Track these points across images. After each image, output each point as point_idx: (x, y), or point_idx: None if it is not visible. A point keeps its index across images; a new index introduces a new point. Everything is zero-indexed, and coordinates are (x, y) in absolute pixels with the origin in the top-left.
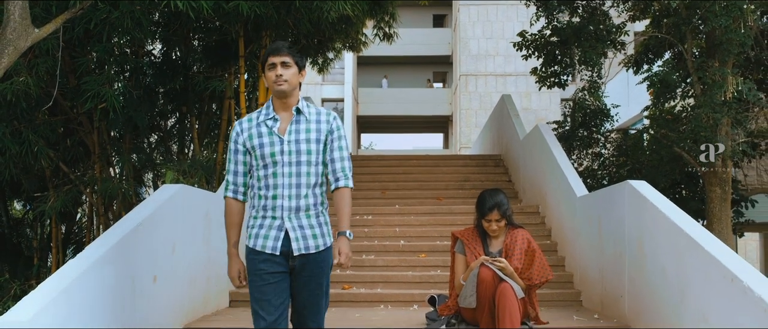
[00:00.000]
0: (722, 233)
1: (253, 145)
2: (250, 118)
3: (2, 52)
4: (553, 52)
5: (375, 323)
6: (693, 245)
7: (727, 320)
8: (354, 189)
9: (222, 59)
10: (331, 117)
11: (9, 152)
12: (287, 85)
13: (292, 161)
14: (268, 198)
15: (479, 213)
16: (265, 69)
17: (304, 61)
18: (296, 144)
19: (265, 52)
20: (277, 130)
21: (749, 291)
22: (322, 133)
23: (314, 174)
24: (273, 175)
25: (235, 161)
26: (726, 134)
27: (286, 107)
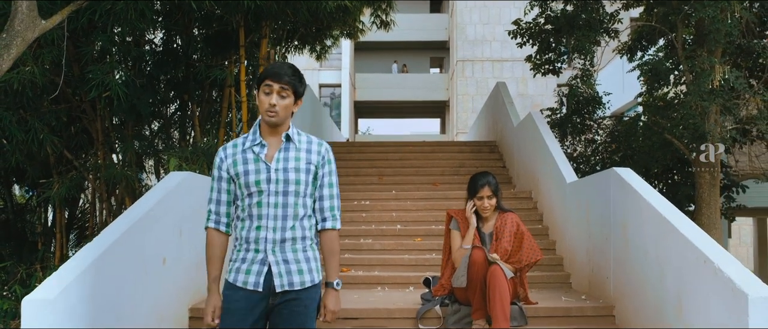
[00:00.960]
0: (711, 218)
1: (237, 172)
2: (235, 143)
3: (11, 43)
4: (547, 40)
5: (373, 303)
6: (671, 230)
7: (700, 299)
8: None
9: (222, 48)
10: (324, 148)
11: (15, 139)
12: (278, 118)
13: (279, 191)
14: (251, 229)
15: (471, 192)
16: (260, 89)
17: (303, 89)
18: (284, 173)
19: (264, 71)
20: (264, 157)
21: (719, 271)
22: (312, 164)
23: (302, 206)
24: (258, 205)
25: (217, 189)
26: (715, 122)
27: (275, 133)
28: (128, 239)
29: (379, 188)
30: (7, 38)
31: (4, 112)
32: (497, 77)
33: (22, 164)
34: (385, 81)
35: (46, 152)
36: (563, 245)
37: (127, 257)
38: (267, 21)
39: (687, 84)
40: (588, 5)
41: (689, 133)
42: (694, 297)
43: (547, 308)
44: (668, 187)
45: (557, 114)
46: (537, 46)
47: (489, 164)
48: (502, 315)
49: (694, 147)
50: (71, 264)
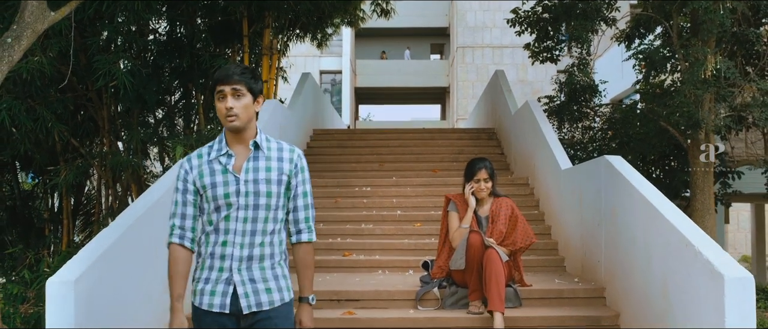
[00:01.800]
0: (705, 204)
1: (203, 184)
2: (200, 153)
3: (21, 35)
4: (545, 29)
5: (374, 286)
6: (657, 215)
7: (683, 280)
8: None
9: (226, 38)
10: (296, 155)
11: (24, 127)
12: (239, 121)
13: (248, 204)
14: (217, 244)
15: (468, 176)
16: (215, 99)
17: (260, 86)
18: (254, 184)
19: (213, 78)
20: (232, 167)
21: (700, 254)
22: (284, 173)
23: (272, 220)
24: (225, 219)
25: (182, 202)
26: (709, 110)
27: (241, 140)
28: (143, 224)
29: (379, 175)
30: (17, 30)
31: (14, 101)
32: (497, 64)
33: (31, 151)
34: (386, 67)
35: (54, 139)
36: (558, 230)
37: (142, 240)
38: (269, 11)
39: (682, 72)
40: None
41: (684, 120)
42: (677, 278)
43: (540, 290)
44: (665, 173)
45: (555, 102)
46: (535, 35)
47: (487, 151)
48: (497, 296)
49: (690, 134)
50: (90, 248)
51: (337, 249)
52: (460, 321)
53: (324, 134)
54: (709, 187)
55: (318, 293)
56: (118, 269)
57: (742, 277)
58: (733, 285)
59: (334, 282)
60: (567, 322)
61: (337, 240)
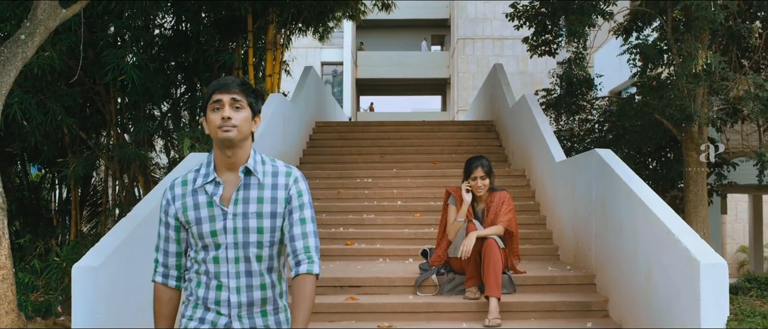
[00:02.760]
0: (698, 195)
1: (188, 219)
2: (184, 180)
3: (34, 31)
4: (543, 23)
5: (375, 273)
6: (642, 206)
7: (665, 266)
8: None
9: (231, 33)
10: (293, 179)
11: (34, 120)
12: (236, 132)
13: (238, 243)
14: (210, 289)
15: (466, 173)
16: (207, 110)
17: (259, 106)
18: (243, 219)
19: (209, 88)
20: (220, 199)
21: (679, 242)
22: (279, 203)
23: (268, 258)
24: (214, 260)
25: (165, 237)
26: (702, 103)
27: (232, 165)
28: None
29: (380, 167)
30: (30, 27)
31: (25, 95)
32: (498, 55)
33: (40, 144)
34: (387, 59)
35: (63, 132)
36: (552, 220)
37: (155, 231)
38: (274, 7)
39: (675, 66)
40: None
41: (677, 113)
42: (660, 264)
43: (534, 277)
44: (661, 165)
45: (553, 95)
46: (533, 29)
47: (486, 143)
48: (494, 283)
49: (684, 127)
50: (111, 236)
51: (339, 238)
52: (457, 306)
53: (326, 126)
54: (702, 179)
55: (322, 280)
56: (138, 256)
57: (716, 263)
58: (708, 271)
59: (338, 269)
60: (558, 307)
61: (339, 230)
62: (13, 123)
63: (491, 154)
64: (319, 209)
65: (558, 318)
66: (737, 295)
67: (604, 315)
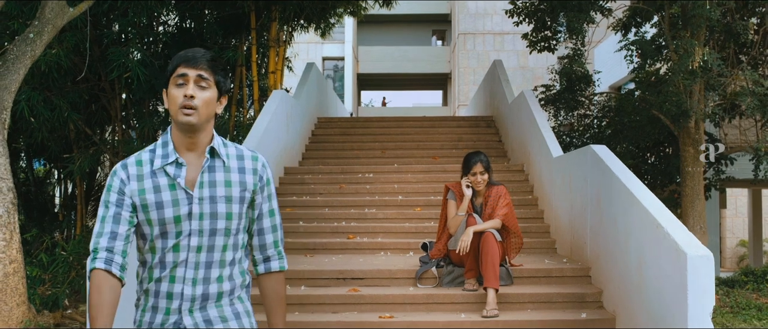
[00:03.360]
0: (695, 189)
1: (146, 203)
2: (139, 160)
3: (43, 30)
4: (542, 19)
5: (376, 266)
6: (634, 201)
7: (655, 258)
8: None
9: (234, 30)
10: (260, 164)
11: (41, 117)
12: (197, 116)
13: (204, 230)
14: (162, 281)
15: (465, 169)
16: (170, 84)
17: (228, 85)
18: (211, 204)
19: (174, 58)
20: (184, 180)
21: (668, 235)
22: (247, 188)
23: (232, 248)
24: (174, 249)
25: (113, 218)
26: (698, 100)
27: (194, 145)
28: None
29: (382, 162)
30: (39, 26)
31: (32, 92)
32: (498, 50)
33: (46, 140)
34: (388, 54)
35: (69, 128)
36: (550, 214)
37: None
38: (276, 4)
39: (672, 63)
40: None
41: (673, 109)
42: (650, 257)
43: (531, 269)
44: (660, 160)
45: (552, 91)
46: (533, 25)
47: (486, 139)
48: (492, 274)
49: (681, 123)
50: None
51: (342, 232)
52: (456, 297)
53: (328, 122)
54: (698, 174)
55: (325, 272)
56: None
57: (702, 255)
58: (694, 262)
59: (340, 262)
60: (554, 298)
61: (341, 224)
62: (20, 119)
63: (491, 149)
64: (321, 204)
65: (554, 309)
66: (734, 288)
67: (598, 306)
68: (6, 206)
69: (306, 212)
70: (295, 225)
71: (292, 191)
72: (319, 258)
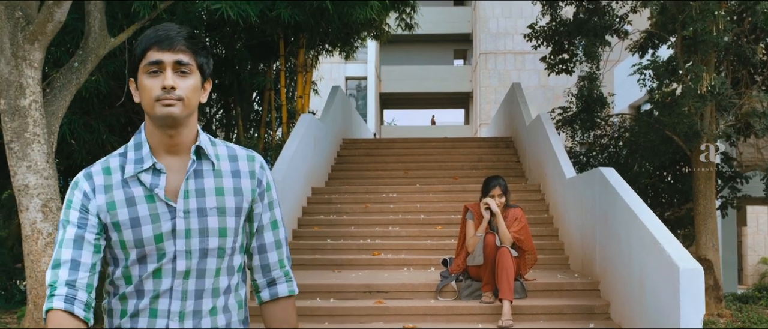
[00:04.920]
0: (707, 208)
1: (117, 221)
2: (106, 167)
3: (86, 59)
4: (560, 43)
5: (400, 281)
6: (635, 219)
7: (653, 272)
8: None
9: (263, 56)
10: (258, 165)
11: (81, 139)
12: (181, 108)
13: (192, 250)
14: (138, 316)
15: (484, 191)
16: (139, 72)
17: (210, 67)
18: (200, 218)
19: (142, 39)
20: (163, 190)
21: (664, 251)
22: (245, 196)
23: (227, 272)
24: (155, 275)
25: (76, 241)
26: (709, 121)
27: (175, 146)
28: None
29: (404, 182)
30: (83, 55)
31: (73, 116)
32: (519, 69)
33: (85, 161)
34: (410, 73)
35: (106, 150)
36: (564, 232)
37: None
38: (304, 32)
39: (683, 86)
40: (597, 9)
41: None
42: (649, 271)
43: (544, 283)
44: (676, 179)
45: (569, 112)
46: (551, 48)
47: (505, 159)
48: (507, 287)
49: (693, 143)
50: None
51: (367, 248)
52: (473, 309)
53: (352, 143)
54: (710, 192)
55: (352, 286)
56: None
57: (692, 268)
58: (687, 275)
59: (366, 277)
60: (565, 310)
61: (367, 241)
62: (61, 142)
63: (509, 169)
64: (348, 223)
65: (564, 320)
66: (747, 304)
67: (606, 318)
68: (56, 224)
69: (333, 230)
70: (322, 243)
71: (319, 210)
72: (346, 273)
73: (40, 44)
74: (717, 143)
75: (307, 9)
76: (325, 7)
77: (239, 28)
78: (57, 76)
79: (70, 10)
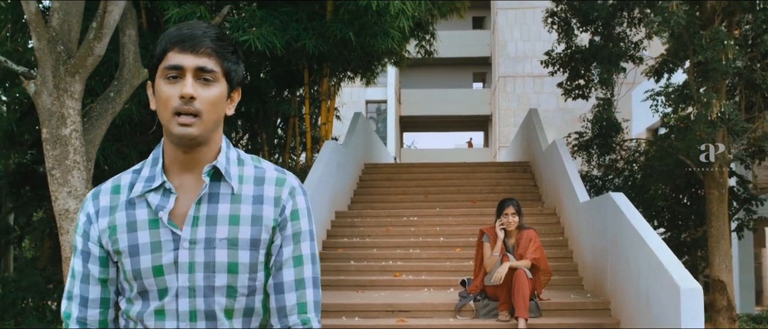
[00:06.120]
0: (720, 230)
1: (118, 248)
2: (116, 186)
3: (121, 89)
4: (576, 69)
5: (421, 300)
6: (642, 242)
7: (657, 292)
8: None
9: (287, 84)
10: (287, 190)
11: (114, 165)
12: (199, 126)
13: (196, 287)
14: None
15: (498, 212)
16: (157, 75)
17: (240, 73)
18: (206, 249)
19: (162, 39)
20: (169, 214)
21: (667, 272)
22: (265, 226)
23: (242, 315)
24: (156, 316)
25: (83, 275)
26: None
27: (193, 162)
28: None
29: (425, 205)
30: (118, 85)
31: (106, 143)
32: (538, 92)
33: None
34: (430, 96)
35: None
36: (578, 254)
37: None
38: (327, 62)
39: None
40: (612, 36)
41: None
42: (654, 291)
43: (557, 303)
44: (691, 201)
45: (585, 137)
46: (567, 74)
47: (522, 183)
48: (523, 306)
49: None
50: None
51: (389, 270)
52: (491, 327)
53: (373, 167)
54: (723, 214)
55: (376, 306)
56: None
57: (692, 288)
58: (687, 294)
59: (388, 297)
60: (577, 328)
61: (389, 263)
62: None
63: (526, 193)
64: (370, 245)
65: None
66: (761, 324)
67: None
68: None
69: (356, 252)
70: (346, 264)
71: (343, 233)
72: (368, 293)
73: (80, 76)
74: (730, 166)
75: (331, 40)
76: (347, 37)
77: (266, 57)
78: (94, 105)
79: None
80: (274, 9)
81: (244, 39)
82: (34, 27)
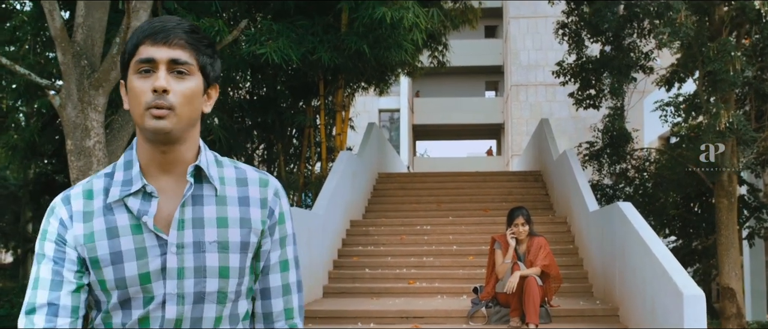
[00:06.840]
0: (729, 238)
1: (95, 257)
2: (88, 191)
3: None
4: (587, 79)
5: (434, 307)
6: (647, 250)
7: (662, 299)
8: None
9: (303, 96)
10: (272, 192)
11: None
12: (173, 119)
13: (185, 294)
14: None
15: (509, 221)
16: (130, 70)
17: (217, 68)
18: (195, 253)
19: (134, 33)
20: (152, 219)
21: (671, 279)
22: (253, 228)
23: (229, 321)
24: (142, 324)
25: (52, 282)
26: (730, 156)
27: (170, 164)
28: None
29: (438, 214)
30: None
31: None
32: (550, 101)
33: None
34: (442, 104)
35: None
36: (587, 262)
37: None
38: (343, 73)
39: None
40: (622, 47)
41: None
42: (659, 298)
43: (567, 309)
44: (702, 209)
45: (595, 147)
46: (578, 84)
47: (534, 192)
48: (533, 312)
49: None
50: None
51: (403, 278)
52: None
53: (387, 177)
54: (732, 223)
55: (390, 312)
56: None
57: (695, 294)
58: (690, 301)
59: (403, 304)
60: None
61: (403, 271)
62: None
63: (538, 202)
64: (384, 253)
65: None
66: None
67: None
68: None
69: (371, 260)
70: (361, 272)
71: (357, 241)
72: (383, 300)
73: (103, 90)
74: (740, 175)
75: (346, 52)
76: (362, 50)
77: (282, 70)
78: (115, 118)
79: None
80: (291, 23)
81: (261, 52)
82: (59, 42)
